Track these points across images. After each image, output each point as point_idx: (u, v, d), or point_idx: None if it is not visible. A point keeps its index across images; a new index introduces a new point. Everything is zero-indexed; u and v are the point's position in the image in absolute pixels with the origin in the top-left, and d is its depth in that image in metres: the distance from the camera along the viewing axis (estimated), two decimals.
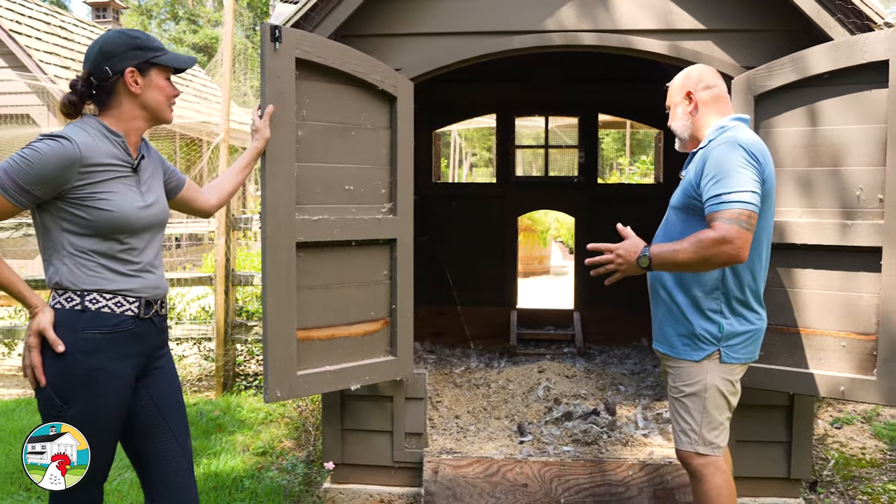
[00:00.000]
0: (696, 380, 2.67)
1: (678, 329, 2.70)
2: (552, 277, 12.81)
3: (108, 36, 2.26)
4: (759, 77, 3.20)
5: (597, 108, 6.34)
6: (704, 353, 2.65)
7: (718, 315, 2.64)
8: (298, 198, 3.09)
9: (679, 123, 2.79)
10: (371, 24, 3.46)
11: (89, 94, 2.24)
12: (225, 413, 5.12)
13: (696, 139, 2.77)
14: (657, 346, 2.82)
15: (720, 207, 2.44)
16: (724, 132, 2.63)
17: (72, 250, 2.14)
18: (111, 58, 2.20)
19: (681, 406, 2.71)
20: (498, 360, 5.58)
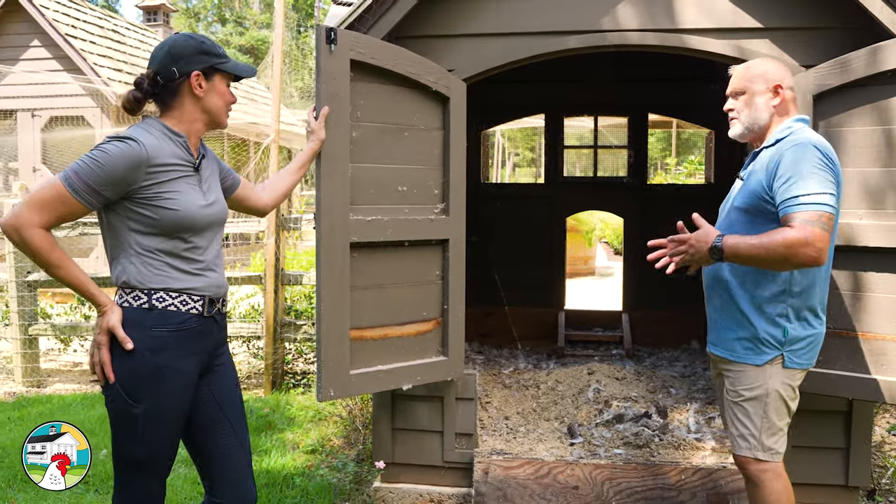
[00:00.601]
0: (758, 384, 2.63)
1: (740, 333, 2.64)
2: (597, 278, 12.70)
3: (176, 38, 2.32)
4: (819, 75, 3.13)
5: (647, 107, 6.27)
6: (767, 358, 2.61)
7: (783, 319, 2.59)
8: (352, 198, 3.11)
9: (755, 114, 2.66)
10: (424, 25, 3.48)
11: (153, 93, 2.29)
12: (274, 411, 5.19)
13: (761, 134, 2.68)
14: (713, 349, 2.78)
15: (799, 209, 2.39)
16: (793, 132, 2.58)
17: (139, 249, 2.19)
18: (179, 59, 2.25)
19: (740, 410, 2.67)
20: (546, 361, 5.56)
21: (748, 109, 2.68)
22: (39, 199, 2.10)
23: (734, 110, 2.72)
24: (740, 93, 2.70)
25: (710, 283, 2.77)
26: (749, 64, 2.75)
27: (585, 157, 22.95)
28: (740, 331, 2.64)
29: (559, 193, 6.32)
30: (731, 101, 2.74)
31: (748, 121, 2.68)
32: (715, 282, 2.73)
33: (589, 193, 6.57)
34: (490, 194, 6.09)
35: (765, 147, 2.64)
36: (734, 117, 2.72)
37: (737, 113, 2.71)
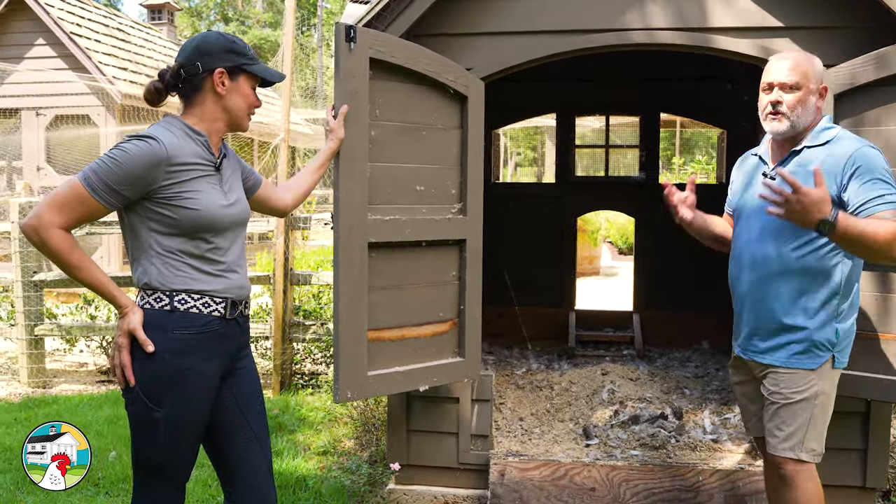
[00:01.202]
0: (808, 386, 2.58)
1: (791, 338, 2.58)
2: (602, 278, 12.68)
3: (206, 34, 2.30)
4: (841, 74, 3.10)
5: (660, 107, 6.25)
6: (821, 361, 2.57)
7: (835, 320, 2.57)
8: (371, 198, 3.08)
9: (806, 115, 2.56)
10: (442, 23, 3.45)
11: (175, 86, 2.26)
12: (284, 412, 5.17)
13: (801, 135, 2.60)
14: (757, 357, 2.68)
15: (889, 206, 2.38)
16: (840, 131, 2.57)
17: (160, 250, 2.16)
18: (205, 55, 2.23)
19: (785, 412, 2.61)
20: (558, 361, 5.53)
21: (801, 108, 2.55)
22: (59, 200, 2.07)
23: (783, 104, 2.55)
24: (794, 88, 2.54)
25: (753, 292, 2.67)
26: (803, 56, 2.61)
27: (587, 157, 22.90)
28: (791, 336, 2.58)
29: (570, 193, 6.29)
30: (780, 93, 2.56)
31: (798, 120, 2.56)
32: (763, 286, 2.63)
33: (600, 193, 6.54)
34: (500, 194, 6.06)
35: (809, 147, 2.58)
36: (782, 112, 2.56)
37: (787, 108, 2.55)
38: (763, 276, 2.62)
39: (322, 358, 6.15)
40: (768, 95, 2.60)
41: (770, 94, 2.59)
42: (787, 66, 2.56)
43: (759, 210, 2.61)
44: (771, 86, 2.59)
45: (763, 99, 2.63)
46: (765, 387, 2.69)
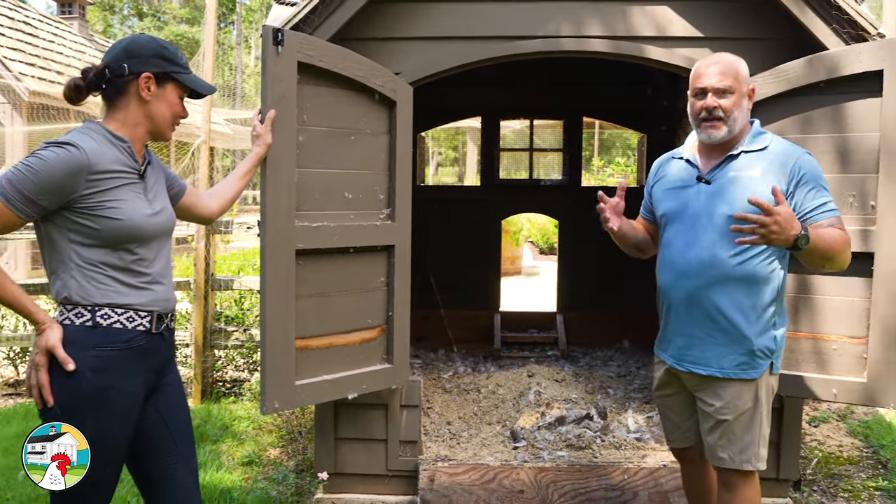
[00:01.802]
0: (749, 397, 2.53)
1: (733, 350, 2.51)
2: (524, 278, 12.84)
3: (138, 37, 2.22)
4: (759, 84, 3.22)
5: (582, 111, 6.37)
6: (762, 370, 2.52)
7: (773, 327, 2.53)
8: (298, 204, 3.04)
9: (742, 118, 2.49)
10: (371, 27, 3.42)
11: (98, 86, 2.17)
12: (206, 421, 5.03)
13: (734, 139, 2.52)
14: (696, 368, 2.57)
15: (833, 214, 2.44)
16: (775, 137, 2.56)
17: (80, 263, 2.06)
18: (133, 57, 2.15)
19: (737, 426, 2.54)
20: (484, 363, 5.58)
21: (737, 112, 2.47)
22: None
23: (720, 109, 2.46)
24: (728, 92, 2.46)
25: (691, 299, 2.55)
26: (731, 59, 2.52)
27: (507, 157, 23.17)
28: (734, 348, 2.51)
29: (495, 196, 6.35)
30: (714, 99, 2.47)
31: (734, 125, 2.49)
32: (701, 297, 2.52)
33: (524, 196, 6.63)
34: (426, 197, 6.06)
35: (747, 151, 2.51)
36: (719, 117, 2.47)
37: (725, 113, 2.46)
38: (704, 284, 2.50)
39: (245, 365, 6.02)
40: (701, 101, 2.49)
41: (704, 99, 2.49)
42: (717, 69, 2.47)
43: (697, 215, 2.53)
44: (704, 91, 2.48)
45: (695, 105, 2.52)
46: (704, 401, 2.59)
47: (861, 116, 3.07)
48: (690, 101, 2.57)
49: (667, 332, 2.68)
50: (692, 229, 2.54)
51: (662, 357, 2.72)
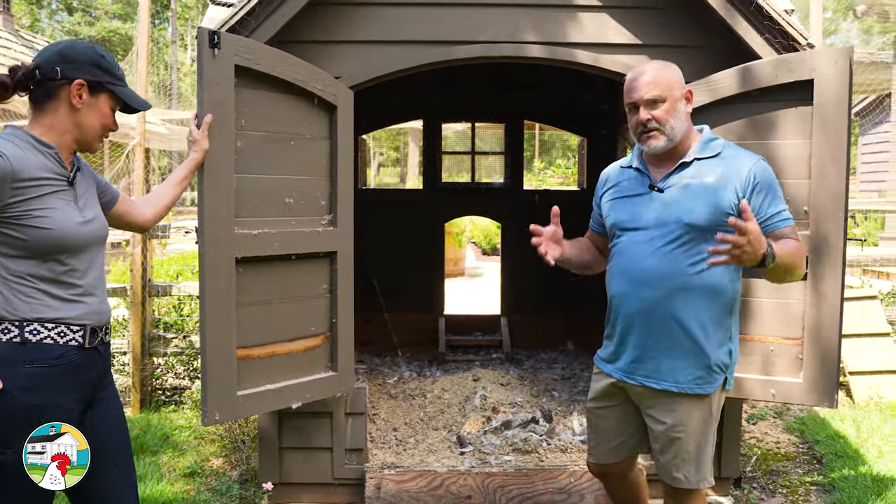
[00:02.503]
0: (702, 413, 2.48)
1: (690, 364, 2.44)
2: (467, 279, 12.87)
3: (75, 42, 2.14)
4: (693, 92, 3.27)
5: (523, 114, 6.41)
6: (716, 385, 2.46)
7: (728, 341, 2.49)
8: (237, 211, 2.96)
9: (680, 123, 2.46)
10: (310, 30, 3.37)
11: (26, 87, 2.08)
12: (146, 432, 4.88)
13: (682, 144, 2.49)
14: (648, 381, 2.49)
15: (789, 223, 2.43)
16: (727, 143, 2.54)
17: (6, 275, 1.97)
18: (68, 62, 2.07)
19: (688, 444, 2.48)
20: (429, 367, 5.56)
21: (672, 119, 2.43)
22: None
23: (654, 120, 2.43)
24: (659, 101, 2.43)
25: (647, 310, 2.47)
26: (658, 67, 2.49)
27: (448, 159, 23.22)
28: (690, 361, 2.44)
29: (438, 199, 6.34)
30: (648, 111, 2.44)
31: (674, 129, 2.45)
32: (658, 308, 2.45)
33: (467, 199, 6.64)
34: (368, 200, 6.01)
35: (699, 158, 2.48)
36: (655, 128, 2.44)
37: (658, 123, 2.43)
38: (662, 294, 2.42)
39: (185, 372, 5.87)
40: (635, 115, 2.48)
41: (637, 113, 2.47)
42: (645, 80, 2.44)
43: (651, 224, 2.48)
44: (636, 105, 2.47)
45: (631, 119, 2.51)
46: (655, 418, 2.52)
47: (793, 124, 3.15)
48: (627, 114, 2.54)
49: (617, 343, 2.58)
50: (647, 238, 2.47)
51: (607, 369, 2.62)
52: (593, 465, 2.83)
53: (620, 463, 2.75)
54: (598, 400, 2.69)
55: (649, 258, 2.46)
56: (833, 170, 3.06)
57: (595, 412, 2.73)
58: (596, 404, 2.71)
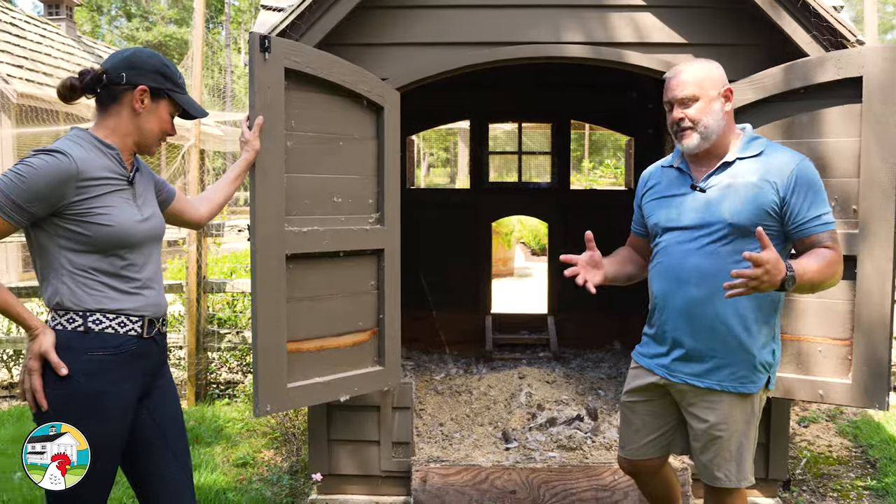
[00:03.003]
0: (744, 412, 2.49)
1: (735, 362, 2.45)
2: (516, 279, 12.88)
3: (141, 50, 2.26)
4: (738, 90, 3.27)
5: (569, 114, 6.41)
6: (760, 384, 2.47)
7: (773, 340, 2.50)
8: (288, 209, 3.06)
9: (716, 122, 2.45)
10: (357, 33, 3.45)
11: (93, 90, 2.20)
12: (200, 423, 5.05)
13: (721, 143, 2.49)
14: (692, 380, 2.49)
15: (827, 228, 2.38)
16: (770, 143, 2.50)
17: (71, 269, 2.09)
18: (133, 68, 2.19)
19: (730, 444, 2.49)
20: (475, 365, 5.61)
21: (706, 118, 2.44)
22: None
23: (687, 119, 2.46)
24: (692, 100, 2.45)
25: (692, 310, 2.47)
26: (694, 66, 2.50)
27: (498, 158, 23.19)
28: (735, 360, 2.45)
29: (485, 199, 6.38)
30: (681, 110, 2.47)
31: (709, 128, 2.45)
32: (704, 308, 2.45)
33: (514, 199, 6.67)
34: (416, 200, 6.09)
35: (742, 158, 2.47)
36: (688, 127, 2.46)
37: (691, 122, 2.45)
38: (706, 293, 2.42)
39: (238, 367, 6.03)
40: (671, 114, 2.51)
41: (672, 112, 2.50)
42: (680, 80, 2.47)
43: (696, 224, 2.48)
44: (670, 104, 2.50)
45: (668, 118, 2.54)
46: (697, 416, 2.53)
47: (841, 122, 3.11)
48: (666, 113, 2.57)
49: (660, 341, 2.58)
50: (690, 238, 2.48)
51: (648, 365, 2.62)
52: (624, 460, 2.83)
53: (652, 460, 2.75)
54: (633, 394, 2.71)
55: (692, 257, 2.46)
56: (883, 168, 3.02)
57: (629, 406, 2.74)
58: (630, 398, 2.72)
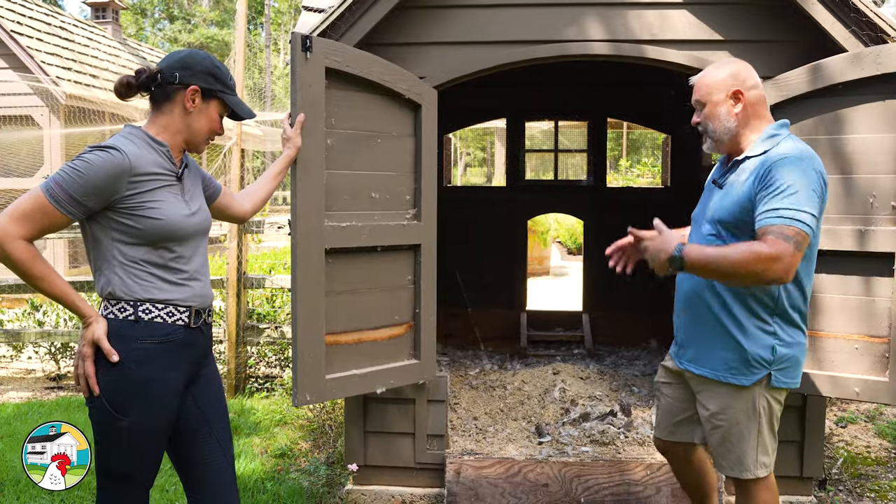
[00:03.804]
0: (743, 405, 2.52)
1: (726, 353, 2.51)
2: (552, 278, 12.88)
3: (195, 52, 2.35)
4: (776, 86, 3.27)
5: (606, 112, 6.41)
6: (756, 378, 2.49)
7: (772, 337, 2.48)
8: (327, 205, 3.15)
9: (721, 125, 2.53)
10: (395, 33, 3.52)
11: (147, 88, 2.29)
12: (239, 415, 5.18)
13: (737, 143, 2.55)
14: (692, 367, 2.62)
15: (779, 221, 2.28)
16: (781, 142, 2.46)
17: (123, 260, 2.18)
18: (187, 69, 2.28)
19: (730, 435, 2.56)
20: (510, 361, 5.65)
21: (712, 122, 2.55)
22: (21, 211, 2.08)
23: (698, 124, 2.60)
24: (700, 105, 2.58)
25: (688, 297, 2.62)
26: (704, 73, 2.60)
27: (535, 157, 23.10)
28: (726, 351, 2.51)
29: (521, 197, 6.42)
30: (696, 115, 2.62)
31: (716, 133, 2.55)
32: (696, 296, 2.58)
33: (550, 197, 6.69)
34: (453, 197, 6.15)
35: (749, 157, 2.50)
36: (701, 131, 2.60)
37: (702, 126, 2.59)
38: (699, 284, 2.56)
39: (276, 361, 6.16)
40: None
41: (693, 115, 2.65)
42: (693, 84, 2.61)
43: (699, 218, 2.66)
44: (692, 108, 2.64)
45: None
46: (701, 404, 2.64)
47: (880, 118, 3.10)
48: None
49: (674, 329, 2.78)
50: (696, 231, 2.67)
51: (670, 352, 2.85)
52: (656, 439, 3.00)
53: (680, 445, 2.88)
54: (661, 376, 2.90)
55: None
56: None
57: (658, 387, 2.94)
58: (658, 379, 2.93)
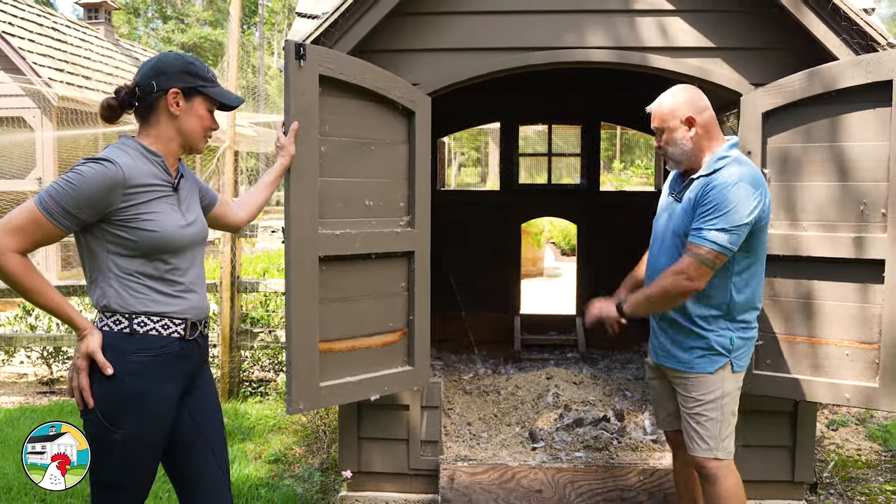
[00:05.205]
0: (713, 389, 2.83)
1: (694, 343, 2.83)
2: (546, 279, 12.91)
3: (165, 55, 2.32)
4: (767, 94, 3.29)
5: (599, 116, 6.43)
6: (719, 365, 2.81)
7: (727, 331, 2.81)
8: (321, 212, 3.14)
9: (680, 150, 2.83)
10: (389, 39, 3.53)
11: (131, 104, 2.28)
12: (233, 420, 5.17)
13: (695, 162, 2.83)
14: (664, 361, 2.95)
15: (695, 241, 2.67)
16: (725, 165, 2.73)
17: (118, 272, 2.18)
18: (161, 74, 2.25)
19: (699, 416, 2.85)
20: (504, 365, 5.66)
21: (671, 146, 2.84)
22: (14, 224, 2.07)
23: (660, 147, 2.89)
24: (658, 131, 2.85)
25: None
26: (660, 101, 2.86)
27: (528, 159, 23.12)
28: (694, 342, 2.83)
29: (514, 201, 6.43)
30: (657, 139, 2.89)
31: (675, 157, 2.85)
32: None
33: (543, 201, 6.71)
34: (446, 201, 6.17)
35: (702, 175, 2.78)
36: (663, 154, 2.90)
37: (663, 151, 2.88)
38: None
39: (270, 365, 6.16)
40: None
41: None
42: (651, 114, 2.88)
43: (662, 226, 2.93)
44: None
45: None
46: (679, 393, 2.94)
47: (870, 126, 3.12)
48: None
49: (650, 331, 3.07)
50: (657, 238, 2.97)
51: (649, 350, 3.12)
52: (665, 432, 3.25)
53: (675, 433, 3.10)
54: (649, 371, 3.19)
55: (656, 255, 2.94)
56: None
57: (648, 382, 3.25)
58: (649, 375, 3.20)
